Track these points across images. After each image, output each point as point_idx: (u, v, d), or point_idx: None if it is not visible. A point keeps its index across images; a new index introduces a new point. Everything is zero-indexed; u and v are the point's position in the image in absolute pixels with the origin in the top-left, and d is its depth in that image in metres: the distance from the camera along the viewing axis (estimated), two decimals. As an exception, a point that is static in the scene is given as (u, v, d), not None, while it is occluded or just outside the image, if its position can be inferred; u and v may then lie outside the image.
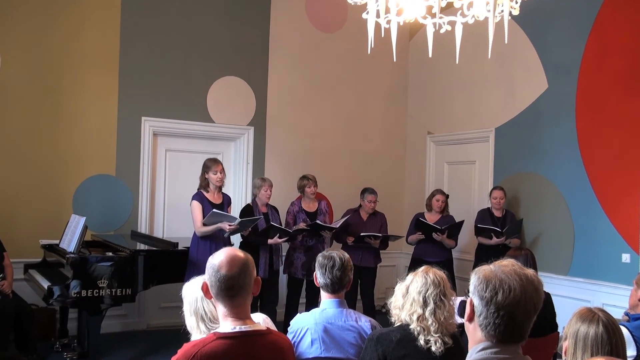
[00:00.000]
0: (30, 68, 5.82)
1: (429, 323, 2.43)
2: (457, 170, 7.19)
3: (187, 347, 1.90)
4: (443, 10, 3.22)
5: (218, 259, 1.95)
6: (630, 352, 2.61)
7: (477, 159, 6.87)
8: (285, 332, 2.80)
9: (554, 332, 3.59)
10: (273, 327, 2.36)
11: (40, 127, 5.87)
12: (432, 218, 6.12)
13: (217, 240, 5.08)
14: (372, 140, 7.59)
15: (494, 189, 6.08)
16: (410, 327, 2.46)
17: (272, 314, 5.25)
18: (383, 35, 3.38)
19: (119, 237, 5.84)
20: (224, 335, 1.91)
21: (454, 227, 5.95)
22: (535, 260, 3.78)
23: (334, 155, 7.32)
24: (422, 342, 2.41)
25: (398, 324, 2.53)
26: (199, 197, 5.18)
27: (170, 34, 6.42)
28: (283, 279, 6.06)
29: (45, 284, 4.63)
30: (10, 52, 5.72)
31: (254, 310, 2.77)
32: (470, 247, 6.40)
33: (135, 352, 5.40)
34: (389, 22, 3.28)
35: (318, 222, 5.75)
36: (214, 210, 4.97)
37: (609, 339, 2.00)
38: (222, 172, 5.21)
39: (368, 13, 3.21)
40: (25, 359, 4.78)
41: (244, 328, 1.93)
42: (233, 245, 5.48)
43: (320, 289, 2.85)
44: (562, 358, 2.14)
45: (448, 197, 6.24)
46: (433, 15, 3.20)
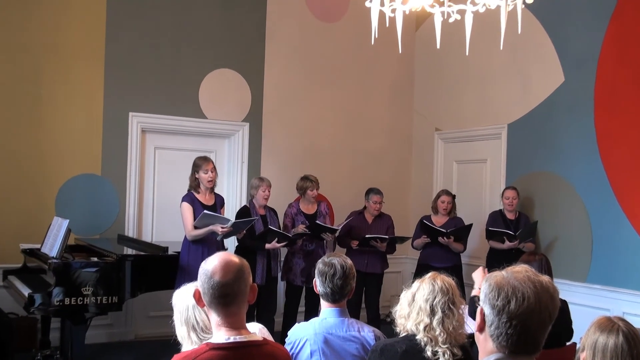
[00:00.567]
0: (9, 59, 5.82)
1: (437, 333, 2.43)
2: (467, 170, 7.19)
3: (177, 358, 1.91)
4: (452, -2, 3.22)
5: (211, 264, 1.94)
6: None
7: (488, 158, 6.87)
8: (283, 342, 2.80)
9: (571, 343, 3.59)
10: (270, 337, 2.36)
11: (20, 123, 5.87)
12: (438, 221, 6.12)
13: (209, 245, 5.09)
14: (375, 138, 7.60)
15: (507, 189, 6.09)
16: (417, 337, 2.46)
17: (269, 324, 5.25)
18: (388, 25, 3.38)
19: (105, 241, 5.85)
20: (218, 346, 1.91)
21: (462, 230, 5.96)
22: (551, 266, 3.78)
23: (335, 154, 7.33)
24: (429, 353, 2.42)
25: (403, 335, 2.53)
26: (190, 198, 5.18)
27: (160, 24, 6.43)
28: (281, 286, 6.06)
29: (26, 292, 4.62)
30: (-11, 42, 5.73)
31: (250, 320, 2.77)
32: (481, 251, 6.40)
33: (122, 364, 5.41)
34: (394, 10, 3.28)
35: (319, 222, 5.75)
36: (205, 212, 4.97)
37: (630, 350, 2.00)
38: (213, 171, 5.21)
39: (372, 1, 3.22)
40: (4, 372, 4.78)
41: (239, 338, 1.93)
42: (227, 250, 5.48)
43: (320, 298, 2.85)
44: (579, 371, 2.13)
45: (455, 197, 6.25)
46: (441, 4, 3.20)
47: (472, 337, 2.01)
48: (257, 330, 2.37)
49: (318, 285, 2.81)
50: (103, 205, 6.16)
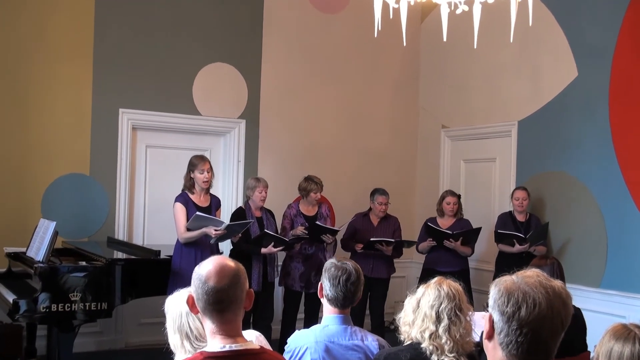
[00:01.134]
0: (-6, 53, 5.83)
1: (443, 341, 2.43)
2: (475, 169, 7.19)
3: (170, 368, 1.91)
4: (459, -11, 3.22)
5: (206, 269, 1.94)
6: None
7: (497, 156, 6.87)
8: (281, 351, 2.81)
9: (584, 351, 3.59)
10: (267, 345, 2.37)
11: (4, 120, 5.87)
12: (444, 223, 6.14)
13: (203, 248, 5.10)
14: (379, 136, 7.60)
15: (517, 190, 6.09)
16: (422, 345, 2.46)
17: (266, 331, 5.22)
18: (392, 17, 3.38)
19: (94, 244, 5.85)
20: (212, 355, 1.91)
21: (470, 233, 5.97)
22: (563, 271, 3.78)
23: (336, 153, 7.33)
24: (435, 362, 2.42)
25: (408, 343, 2.53)
26: (183, 199, 5.19)
27: (151, 16, 6.42)
28: (279, 292, 6.06)
29: (11, 298, 4.63)
30: (-29, 35, 5.74)
31: (246, 327, 2.78)
32: (490, 255, 6.40)
33: (112, 374, 5.41)
34: (399, 1, 3.28)
35: (318, 222, 5.76)
36: (198, 213, 4.98)
37: (646, 359, 2.00)
38: (209, 171, 5.22)
39: (374, -9, 3.22)
40: (-12, 382, 4.79)
41: (235, 347, 1.93)
42: (222, 254, 5.48)
43: (325, 302, 2.84)
44: (593, 381, 2.14)
45: (460, 197, 6.25)
46: (448, -6, 3.20)
47: (480, 345, 2.02)
48: (253, 338, 2.38)
49: (327, 289, 2.79)
50: (92, 207, 6.16)
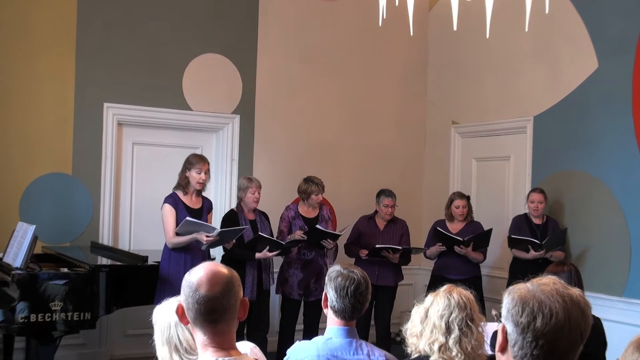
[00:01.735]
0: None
1: (454, 354, 2.43)
2: (487, 168, 7.19)
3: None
4: (470, -27, 3.22)
5: (196, 276, 1.94)
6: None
7: (512, 154, 6.87)
8: (279, 364, 2.80)
9: (606, 365, 3.59)
10: (263, 358, 2.36)
11: (-20, 115, 5.87)
12: (454, 227, 6.15)
13: (193, 253, 5.10)
14: (384, 132, 7.59)
15: (533, 191, 6.09)
16: (431, 358, 2.46)
17: (261, 343, 5.22)
18: (397, 4, 3.38)
19: (76, 249, 5.84)
20: (204, 369, 1.90)
21: (481, 237, 5.96)
22: (582, 278, 3.79)
23: (338, 151, 7.32)
24: (444, 377, 2.42)
25: (415, 356, 2.53)
26: (173, 200, 5.20)
27: (138, 3, 6.41)
28: (275, 301, 6.05)
29: (-14, 307, 4.62)
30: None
31: (240, 339, 2.77)
32: (503, 261, 6.40)
33: (96, 389, 5.41)
34: (405, -13, 3.28)
35: (319, 226, 5.75)
36: (188, 219, 4.99)
37: (673, 374, 1.99)
38: (207, 173, 5.26)
39: (379, -24, 3.21)
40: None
41: (228, 360, 1.93)
42: (214, 260, 5.48)
43: (330, 313, 2.83)
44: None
45: (469, 198, 6.25)
46: (458, -21, 3.20)
47: (493, 358, 2.01)
48: (248, 351, 2.37)
49: (333, 300, 2.77)
50: (74, 209, 6.15)
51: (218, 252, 5.90)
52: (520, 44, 6.61)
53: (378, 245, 5.89)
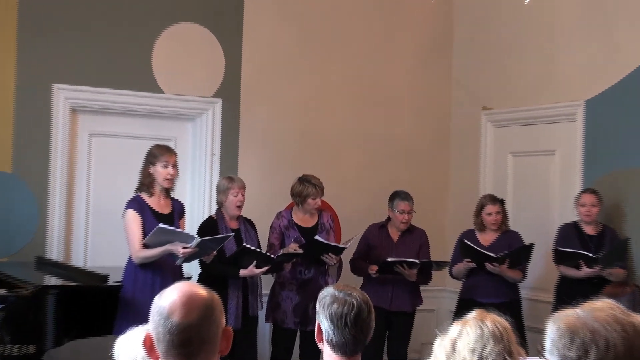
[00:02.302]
0: None
1: (488, 398, 2.38)
2: (527, 165, 7.19)
3: None
4: None
5: (168, 300, 1.97)
6: None
7: (557, 148, 6.86)
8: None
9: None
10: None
11: None
12: (486, 239, 6.17)
13: (164, 271, 5.11)
14: (399, 121, 7.60)
15: (584, 193, 6.08)
16: (459, 404, 2.41)
17: (248, 382, 5.27)
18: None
19: (18, 266, 5.83)
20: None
21: (519, 252, 5.96)
22: (647, 302, 3.74)
23: (343, 144, 7.33)
24: None
25: (439, 400, 2.48)
26: (137, 204, 5.19)
27: (96, -39, 6.42)
28: (265, 330, 6.02)
29: None
30: None
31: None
32: (548, 281, 6.38)
33: None
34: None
35: (318, 238, 5.75)
36: (161, 226, 4.97)
37: None
38: (175, 167, 5.25)
39: None
40: None
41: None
42: (190, 279, 5.47)
43: (326, 348, 2.82)
44: None
45: (504, 202, 6.25)
46: None
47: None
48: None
49: (329, 333, 2.76)
50: (15, 216, 6.15)
51: (194, 268, 5.87)
52: (567, 13, 6.62)
53: (390, 259, 5.86)
